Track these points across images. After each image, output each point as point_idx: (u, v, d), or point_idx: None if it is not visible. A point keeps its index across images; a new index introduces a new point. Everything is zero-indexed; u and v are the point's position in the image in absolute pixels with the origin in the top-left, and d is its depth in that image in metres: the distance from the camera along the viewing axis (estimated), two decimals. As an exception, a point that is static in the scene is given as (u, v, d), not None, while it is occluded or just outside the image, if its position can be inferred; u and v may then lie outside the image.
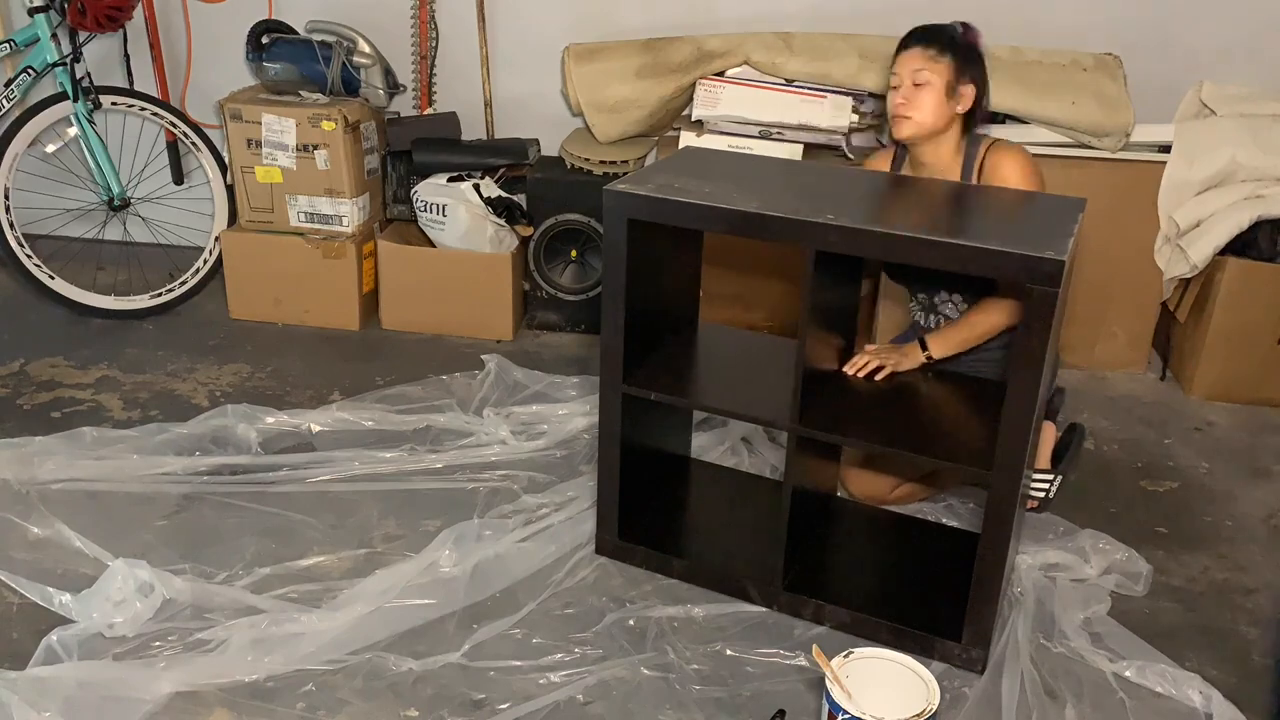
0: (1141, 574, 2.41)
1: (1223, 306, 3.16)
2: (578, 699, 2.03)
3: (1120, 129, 3.12)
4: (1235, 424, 3.15)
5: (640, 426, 2.40)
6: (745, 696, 2.05)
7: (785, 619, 2.25)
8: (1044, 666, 2.12)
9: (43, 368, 3.24)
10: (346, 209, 3.48)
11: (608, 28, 3.51)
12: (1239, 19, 3.39)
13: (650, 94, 3.37)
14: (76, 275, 3.54)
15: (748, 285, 3.42)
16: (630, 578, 2.37)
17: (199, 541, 2.44)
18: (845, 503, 2.62)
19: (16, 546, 2.39)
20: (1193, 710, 2.05)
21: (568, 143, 3.55)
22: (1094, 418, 3.16)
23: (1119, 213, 3.17)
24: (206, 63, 3.81)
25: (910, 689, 1.75)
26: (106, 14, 3.35)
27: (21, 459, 2.64)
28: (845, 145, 3.34)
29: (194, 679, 2.02)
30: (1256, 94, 3.23)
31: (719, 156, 2.58)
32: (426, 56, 3.71)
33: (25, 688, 1.93)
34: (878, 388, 2.36)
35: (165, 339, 3.45)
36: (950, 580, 2.26)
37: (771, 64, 3.29)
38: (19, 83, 3.42)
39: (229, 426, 2.84)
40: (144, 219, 3.75)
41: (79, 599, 2.18)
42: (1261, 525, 2.69)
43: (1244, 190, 3.15)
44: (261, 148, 3.43)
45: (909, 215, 2.02)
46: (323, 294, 3.53)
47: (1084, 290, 3.17)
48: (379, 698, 2.02)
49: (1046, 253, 1.83)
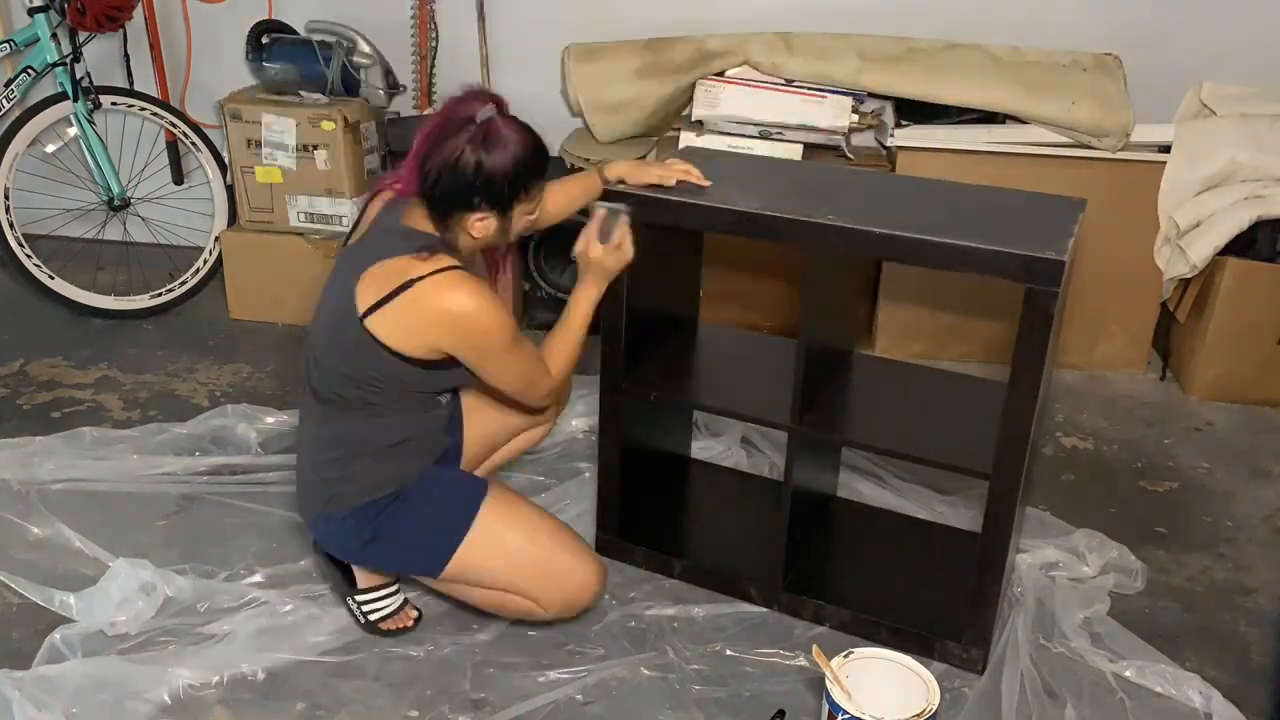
0: (1136, 569, 2.42)
1: (1223, 306, 3.16)
2: (577, 698, 2.03)
3: (1120, 129, 3.12)
4: (1235, 424, 3.15)
5: (640, 426, 2.40)
6: (745, 696, 2.05)
7: (785, 619, 2.25)
8: (1044, 666, 2.12)
9: (43, 368, 3.24)
10: (346, 209, 3.48)
11: (608, 28, 3.51)
12: (1239, 19, 3.39)
13: (650, 94, 3.37)
14: (76, 275, 3.54)
15: (748, 285, 3.42)
16: (630, 577, 2.37)
17: (199, 541, 2.44)
18: (845, 503, 2.62)
19: (16, 546, 2.39)
20: (1193, 710, 2.05)
21: (568, 143, 3.55)
22: (1094, 418, 3.16)
23: (1119, 213, 3.17)
24: (206, 63, 3.81)
25: (910, 689, 1.75)
26: (106, 14, 3.35)
27: (21, 459, 2.64)
28: (845, 145, 3.34)
29: (200, 672, 2.03)
30: (1256, 94, 3.22)
31: (719, 157, 2.58)
32: (426, 56, 3.71)
33: (30, 686, 1.93)
34: (878, 388, 2.36)
35: (165, 339, 3.45)
36: (950, 580, 2.26)
37: (771, 64, 3.29)
38: (19, 83, 3.42)
39: (229, 426, 2.84)
40: (144, 219, 3.75)
41: (81, 598, 2.18)
42: (1261, 525, 2.69)
43: (1244, 190, 3.14)
44: (261, 148, 3.43)
45: (909, 215, 2.02)
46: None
47: (1084, 290, 3.17)
48: (379, 696, 2.02)
49: (1047, 253, 1.83)
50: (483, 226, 1.88)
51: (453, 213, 1.86)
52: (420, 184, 1.86)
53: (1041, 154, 3.20)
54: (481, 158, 1.81)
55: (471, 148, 1.80)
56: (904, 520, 2.57)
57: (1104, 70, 3.22)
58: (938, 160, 3.20)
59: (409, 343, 1.88)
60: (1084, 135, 3.16)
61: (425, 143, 1.85)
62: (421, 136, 1.86)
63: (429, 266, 1.84)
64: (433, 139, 1.84)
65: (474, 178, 1.82)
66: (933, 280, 3.17)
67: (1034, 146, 3.21)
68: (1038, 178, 2.98)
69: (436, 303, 1.85)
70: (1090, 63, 3.24)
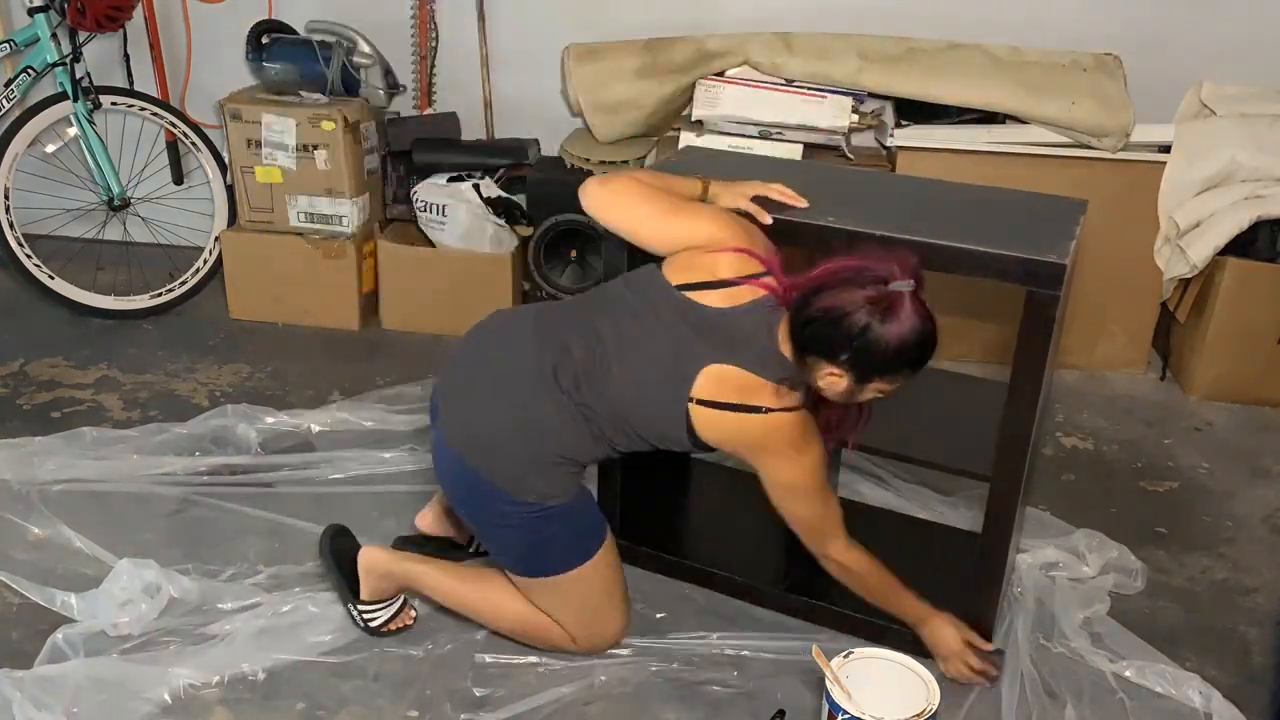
0: (1136, 569, 2.42)
1: (1223, 306, 3.16)
2: (578, 698, 2.03)
3: (1120, 129, 3.12)
4: (1235, 424, 3.15)
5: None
6: (745, 697, 2.05)
7: (785, 619, 2.26)
8: (1044, 666, 2.12)
9: (43, 368, 3.24)
10: (346, 209, 3.48)
11: (608, 28, 3.51)
12: (1239, 19, 3.39)
13: (650, 94, 3.37)
14: (76, 275, 3.54)
15: (748, 285, 3.41)
16: (631, 577, 2.35)
17: (200, 541, 2.44)
18: (845, 503, 2.59)
19: (17, 546, 2.39)
20: (1193, 710, 2.05)
21: (568, 143, 3.55)
22: (1094, 418, 3.16)
23: (1119, 213, 3.17)
24: (206, 63, 3.81)
25: (910, 689, 1.75)
26: (106, 14, 3.35)
27: (21, 459, 2.64)
28: (845, 145, 3.34)
29: (200, 672, 2.03)
30: (1256, 94, 3.23)
31: (719, 157, 2.58)
32: (426, 56, 3.71)
33: (32, 686, 1.93)
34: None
35: (165, 339, 3.45)
36: (950, 580, 2.26)
37: (771, 64, 3.29)
38: (19, 83, 3.42)
39: (229, 426, 2.84)
40: (144, 219, 3.75)
41: (84, 598, 2.18)
42: (1261, 525, 2.69)
43: (1244, 190, 3.15)
44: (261, 148, 3.43)
45: (909, 216, 2.02)
46: (323, 294, 3.53)
47: (1084, 290, 3.17)
48: (380, 696, 2.02)
49: (1048, 256, 1.83)
50: (832, 381, 1.79)
51: (812, 356, 1.79)
52: (796, 311, 1.79)
53: (1041, 154, 3.21)
54: (873, 324, 1.70)
55: (870, 310, 1.71)
56: (904, 520, 2.57)
57: (1104, 70, 3.22)
58: (938, 160, 3.20)
59: (715, 440, 1.88)
60: (1084, 135, 3.16)
61: (826, 276, 1.76)
62: (826, 270, 1.76)
63: (779, 401, 1.82)
64: (835, 278, 1.74)
65: (853, 337, 1.72)
66: (933, 280, 3.13)
67: (1034, 146, 3.21)
68: (1038, 178, 2.98)
69: (783, 434, 1.84)
70: (1090, 63, 3.24)
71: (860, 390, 1.80)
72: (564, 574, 2.01)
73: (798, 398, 1.83)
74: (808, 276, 1.79)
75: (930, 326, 1.75)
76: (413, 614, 2.20)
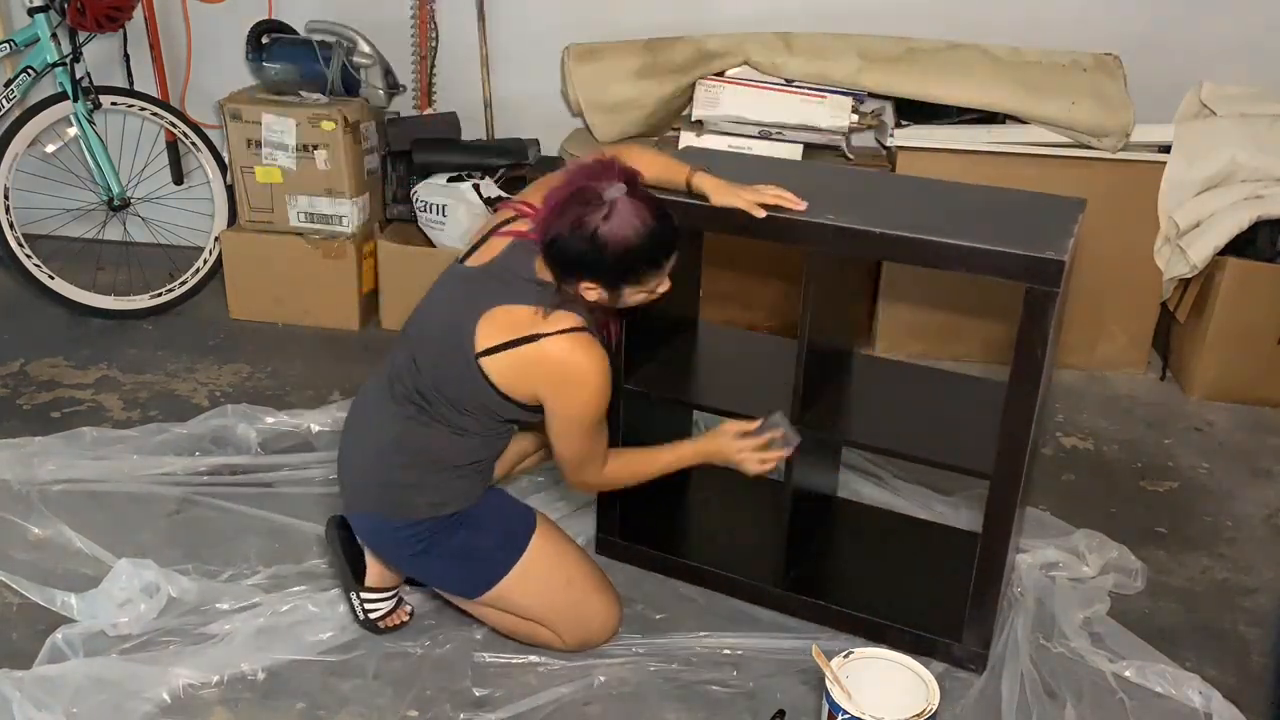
0: (1136, 569, 2.42)
1: (1223, 306, 3.16)
2: (578, 698, 2.03)
3: (1120, 129, 3.12)
4: (1235, 424, 3.15)
5: (640, 426, 2.40)
6: (745, 697, 2.05)
7: (785, 619, 2.26)
8: (1044, 666, 2.12)
9: (43, 368, 3.24)
10: (346, 209, 3.48)
11: (608, 28, 3.51)
12: (1239, 19, 3.39)
13: (650, 94, 3.37)
14: (76, 275, 3.54)
15: (748, 285, 3.42)
16: (631, 577, 2.37)
17: (200, 541, 2.44)
18: (845, 503, 2.62)
19: (17, 547, 2.39)
20: (1193, 710, 2.05)
21: (568, 143, 3.55)
22: (1094, 418, 3.16)
23: (1119, 213, 3.17)
24: (206, 63, 3.81)
25: (910, 689, 1.75)
26: (106, 14, 3.35)
27: (21, 459, 2.64)
28: (845, 145, 3.34)
29: (200, 672, 2.03)
30: (1256, 94, 3.23)
31: (719, 157, 2.58)
32: (426, 56, 3.71)
33: (32, 686, 1.93)
34: (878, 388, 2.36)
35: (165, 339, 3.45)
36: (950, 580, 2.26)
37: (771, 64, 3.29)
38: (19, 83, 3.42)
39: (229, 426, 2.84)
40: (144, 219, 3.75)
41: (84, 598, 2.18)
42: (1261, 525, 2.69)
43: (1244, 190, 3.14)
44: (261, 148, 3.43)
45: (909, 215, 2.02)
46: (323, 294, 3.53)
47: (1084, 290, 3.17)
48: (379, 696, 2.02)
49: (1047, 253, 1.83)
50: (589, 291, 1.88)
51: (565, 276, 1.87)
52: (542, 241, 1.86)
53: (1041, 154, 3.21)
54: (598, 233, 1.80)
55: (590, 221, 1.80)
56: (904, 520, 2.57)
57: (1104, 70, 3.22)
58: (938, 160, 3.21)
59: (517, 388, 1.91)
60: (1084, 135, 3.16)
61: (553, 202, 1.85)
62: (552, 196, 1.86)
63: (554, 325, 1.86)
64: (562, 202, 1.83)
65: (585, 249, 1.81)
66: (933, 280, 3.18)
67: (1034, 146, 3.21)
68: (1038, 178, 2.99)
69: (559, 359, 1.87)
70: (1090, 63, 3.24)
71: (618, 294, 1.89)
72: (506, 577, 2.03)
73: (574, 318, 1.88)
74: (543, 207, 1.87)
75: (654, 222, 1.83)
76: (407, 610, 2.20)
